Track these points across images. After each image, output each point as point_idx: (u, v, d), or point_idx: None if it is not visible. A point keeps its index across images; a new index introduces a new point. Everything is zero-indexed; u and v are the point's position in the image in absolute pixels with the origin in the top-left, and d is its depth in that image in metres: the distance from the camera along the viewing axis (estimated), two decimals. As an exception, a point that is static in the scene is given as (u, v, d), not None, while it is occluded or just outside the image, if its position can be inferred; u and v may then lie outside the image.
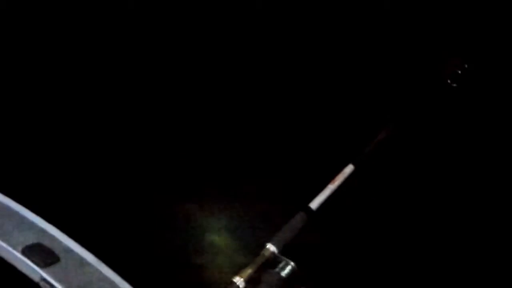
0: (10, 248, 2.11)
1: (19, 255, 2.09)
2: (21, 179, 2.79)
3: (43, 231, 2.30)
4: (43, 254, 2.18)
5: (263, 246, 1.98)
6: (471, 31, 3.25)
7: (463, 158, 3.04)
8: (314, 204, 2.13)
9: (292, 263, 1.98)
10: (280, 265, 1.97)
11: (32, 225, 2.31)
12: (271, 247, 1.98)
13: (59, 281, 2.05)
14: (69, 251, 2.26)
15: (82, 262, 2.25)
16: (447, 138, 3.09)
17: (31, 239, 2.23)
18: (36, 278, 2.07)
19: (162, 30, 3.44)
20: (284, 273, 1.96)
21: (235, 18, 3.48)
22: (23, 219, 2.31)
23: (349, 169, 2.29)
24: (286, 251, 2.00)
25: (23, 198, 2.31)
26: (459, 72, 2.92)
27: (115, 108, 3.23)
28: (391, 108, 3.01)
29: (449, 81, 2.90)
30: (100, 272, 2.24)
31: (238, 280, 1.85)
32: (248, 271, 1.89)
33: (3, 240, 2.24)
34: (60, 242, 2.27)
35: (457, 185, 2.90)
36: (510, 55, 3.20)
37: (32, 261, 2.09)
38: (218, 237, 2.98)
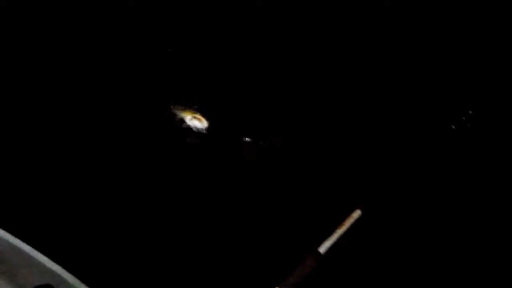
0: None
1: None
2: (31, 220, 2.79)
3: (52, 273, 2.32)
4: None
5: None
6: (477, 77, 3.29)
7: (470, 201, 3.05)
8: (323, 248, 2.17)
9: (300, 307, 2.00)
10: (289, 309, 1.99)
11: (42, 267, 2.32)
12: (280, 291, 2.00)
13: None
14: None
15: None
16: (453, 181, 3.10)
17: (40, 280, 2.25)
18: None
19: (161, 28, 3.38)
20: (293, 317, 1.98)
21: (234, 17, 3.45)
22: (33, 260, 2.33)
23: (356, 214, 2.34)
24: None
25: (33, 239, 2.33)
26: (464, 118, 2.98)
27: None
28: (396, 153, 3.05)
29: (453, 126, 2.96)
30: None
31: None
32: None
33: (14, 281, 2.27)
34: (69, 284, 2.29)
35: (465, 229, 2.91)
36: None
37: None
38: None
